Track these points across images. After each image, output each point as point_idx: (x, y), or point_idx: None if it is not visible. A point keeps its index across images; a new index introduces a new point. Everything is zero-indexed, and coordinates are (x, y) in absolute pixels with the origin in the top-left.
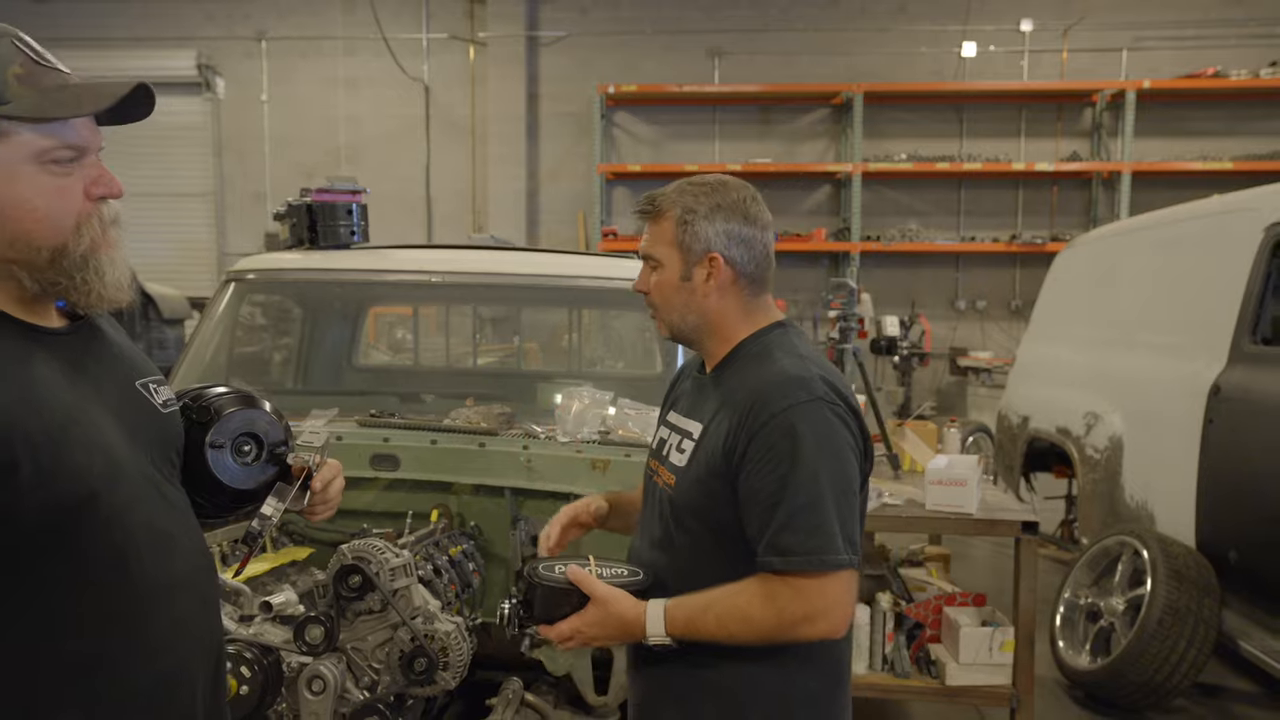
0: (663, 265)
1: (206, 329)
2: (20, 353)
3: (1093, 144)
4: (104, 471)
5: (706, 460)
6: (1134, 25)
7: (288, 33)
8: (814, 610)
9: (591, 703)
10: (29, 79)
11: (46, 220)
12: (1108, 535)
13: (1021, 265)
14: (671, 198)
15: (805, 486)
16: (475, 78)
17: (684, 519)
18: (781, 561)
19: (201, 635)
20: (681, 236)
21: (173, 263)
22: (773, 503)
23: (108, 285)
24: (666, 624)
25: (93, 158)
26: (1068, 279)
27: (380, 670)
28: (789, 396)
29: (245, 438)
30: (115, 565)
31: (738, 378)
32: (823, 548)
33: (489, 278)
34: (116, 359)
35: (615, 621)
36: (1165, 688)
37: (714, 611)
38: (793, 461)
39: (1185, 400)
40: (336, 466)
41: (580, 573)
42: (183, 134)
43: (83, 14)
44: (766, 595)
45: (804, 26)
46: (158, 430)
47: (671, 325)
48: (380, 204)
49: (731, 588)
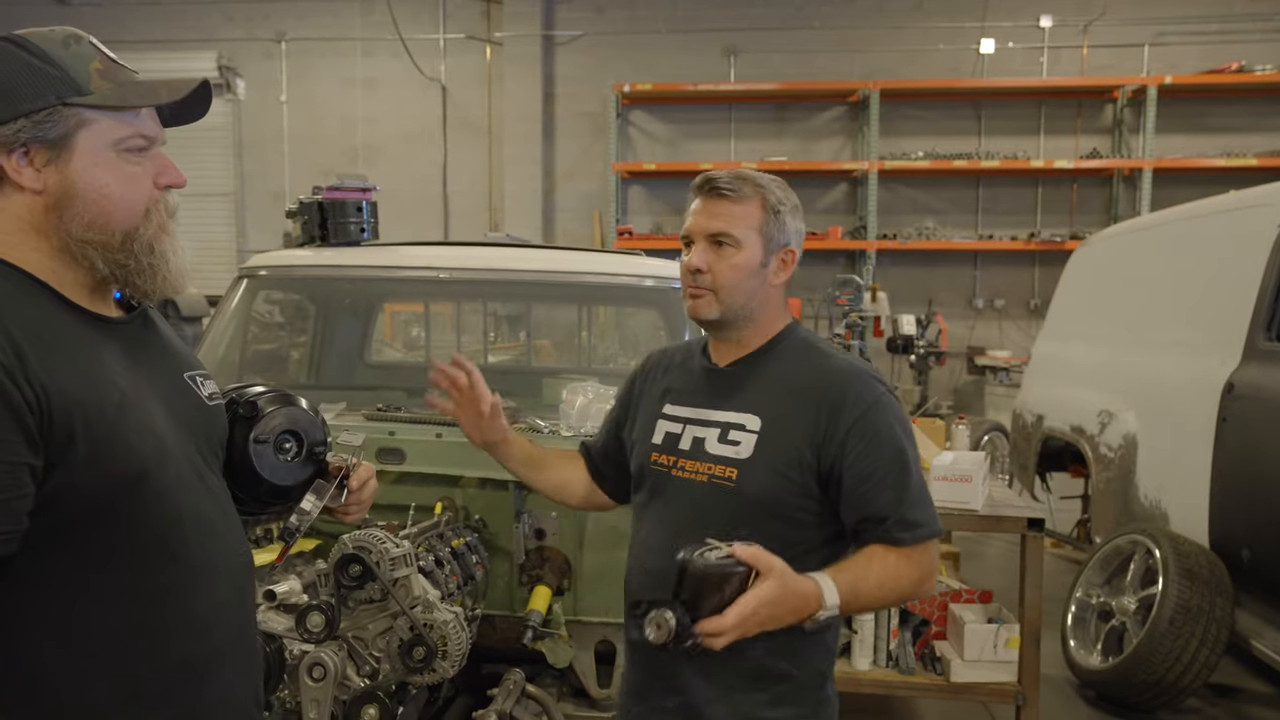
0: (741, 247)
1: (219, 325)
2: (84, 337)
3: (1113, 141)
4: (153, 455)
5: (786, 453)
6: (1156, 20)
7: (306, 34)
8: (929, 571)
9: (594, 695)
10: (107, 74)
11: (122, 204)
12: (1119, 534)
13: (1040, 264)
14: (757, 185)
15: (913, 466)
16: (491, 78)
17: (751, 510)
18: (912, 536)
19: (237, 622)
20: (769, 225)
21: (193, 261)
22: (892, 483)
23: (172, 270)
24: (840, 591)
25: (159, 149)
26: (1083, 277)
27: (380, 658)
28: (872, 387)
29: (287, 435)
30: (162, 544)
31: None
32: (934, 519)
33: (497, 274)
34: (166, 350)
35: (792, 596)
36: (1177, 688)
37: (875, 576)
38: (898, 450)
39: (1199, 398)
40: (370, 469)
41: (749, 548)
42: (204, 134)
43: (105, 16)
44: (907, 559)
45: (820, 24)
46: (203, 421)
47: (730, 307)
48: (397, 203)
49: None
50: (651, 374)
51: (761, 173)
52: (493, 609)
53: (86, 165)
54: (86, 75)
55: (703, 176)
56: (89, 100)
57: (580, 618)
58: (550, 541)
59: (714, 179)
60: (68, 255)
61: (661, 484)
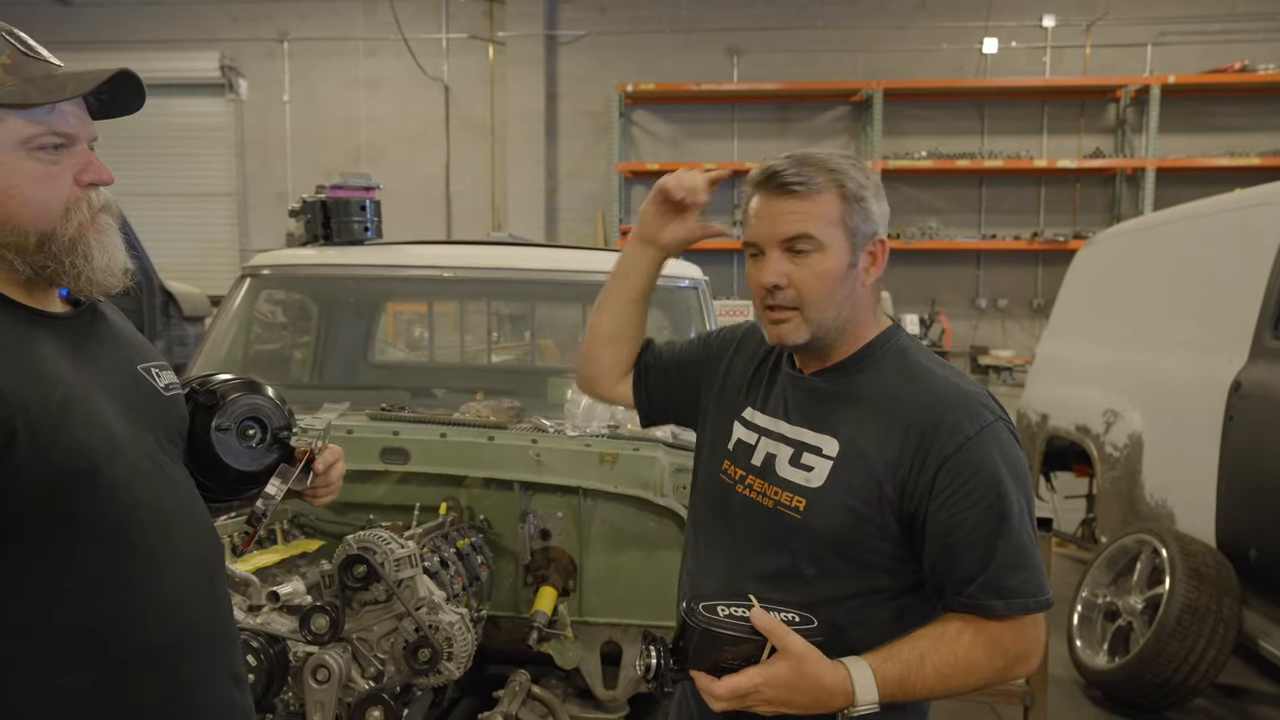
0: (826, 250)
1: (221, 324)
2: (22, 334)
3: (1116, 140)
4: (102, 448)
5: (863, 486)
6: (1159, 20)
7: (309, 34)
8: (1031, 650)
9: (601, 697)
10: (15, 69)
11: (33, 205)
12: (1126, 534)
13: (1044, 263)
14: (831, 169)
15: (1019, 520)
16: (494, 77)
17: (818, 550)
18: (1005, 605)
19: (205, 607)
20: (851, 217)
21: (196, 262)
22: (987, 541)
23: (96, 269)
24: (879, 687)
25: (83, 146)
26: (1088, 275)
27: (385, 660)
28: (976, 418)
29: (250, 421)
30: (114, 538)
31: (883, 388)
32: (1041, 588)
33: (500, 272)
34: (118, 343)
35: (810, 686)
36: (1184, 688)
37: (931, 664)
38: (1001, 493)
39: (1205, 397)
40: (338, 451)
41: (771, 619)
42: (206, 134)
43: (109, 17)
44: (990, 641)
45: (823, 24)
46: (160, 412)
47: (822, 325)
48: (401, 203)
49: (938, 634)
50: (741, 354)
51: (830, 152)
52: (498, 610)
53: None
54: None
55: (762, 168)
56: None
57: (586, 618)
58: (556, 542)
59: (777, 172)
60: None
61: (725, 499)
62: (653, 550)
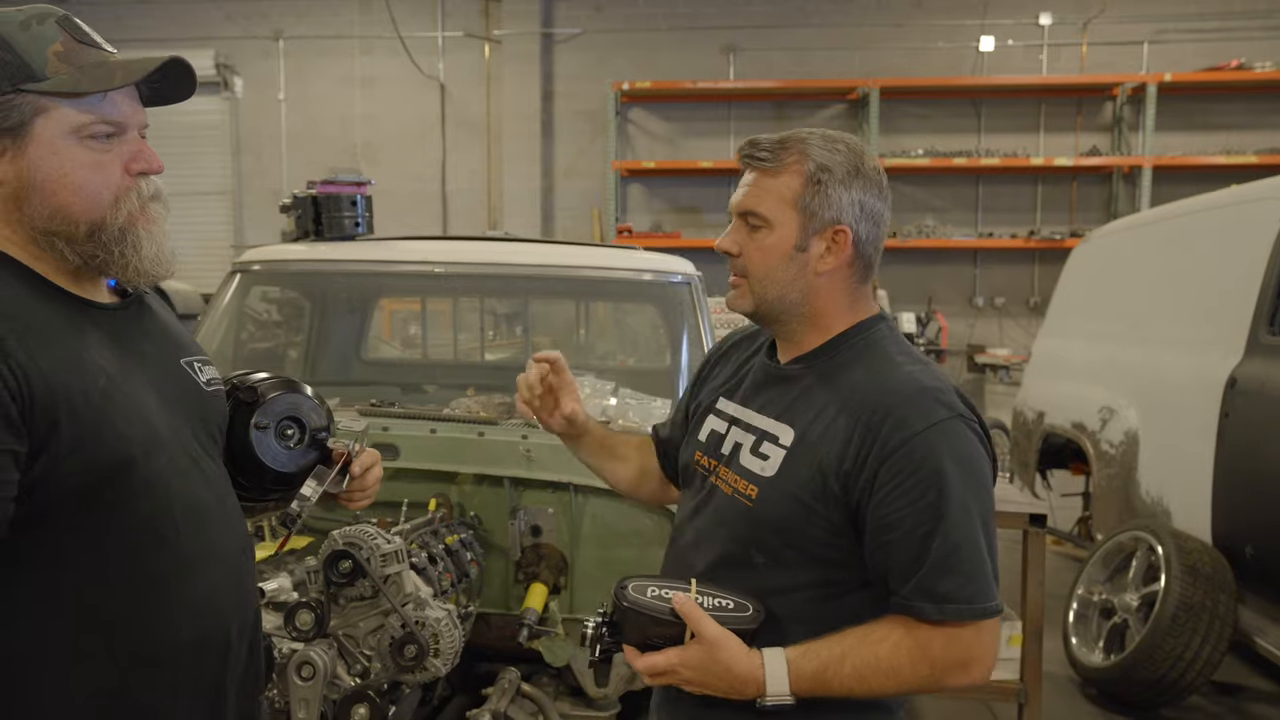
0: (772, 226)
1: (211, 321)
2: (69, 323)
3: (1113, 138)
4: (142, 440)
5: (810, 477)
6: (1155, 18)
7: (304, 32)
8: (968, 658)
9: (592, 694)
10: (67, 56)
11: (84, 194)
12: (1121, 531)
13: (1041, 261)
14: (802, 148)
15: (960, 521)
16: (490, 76)
17: (766, 537)
18: (936, 610)
19: (234, 609)
20: (809, 198)
21: (191, 259)
22: (921, 541)
23: (144, 259)
24: (791, 680)
25: (134, 134)
26: (1084, 273)
27: (372, 657)
28: (929, 413)
29: (289, 421)
30: (150, 531)
31: (844, 379)
32: (981, 594)
33: (491, 268)
34: (163, 337)
35: (722, 671)
36: (1179, 686)
37: (851, 664)
38: (941, 491)
39: (1201, 394)
40: (375, 455)
41: (689, 604)
42: (201, 133)
43: (102, 14)
44: (918, 645)
45: (820, 22)
46: (200, 407)
47: (762, 299)
48: (396, 201)
49: (865, 634)
50: (722, 358)
51: (820, 131)
52: (488, 607)
53: (44, 154)
54: (44, 60)
55: (745, 140)
56: (43, 87)
57: (577, 615)
58: (546, 538)
59: (752, 143)
60: (36, 246)
61: (698, 487)
62: (644, 547)
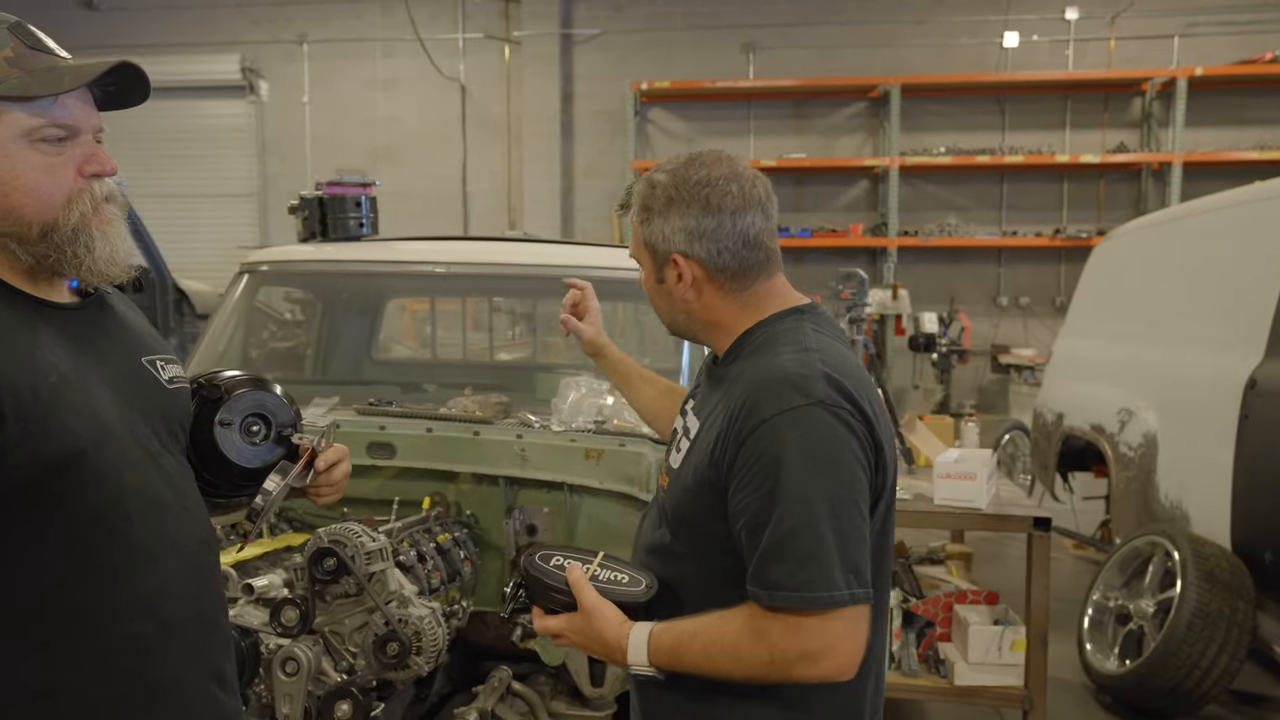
0: (640, 267)
1: (220, 320)
2: (22, 321)
3: (1142, 134)
4: (92, 435)
5: (696, 466)
6: (1186, 10)
7: (328, 36)
8: (812, 650)
9: (587, 694)
10: (18, 62)
11: (36, 195)
12: (1137, 535)
13: (1066, 260)
14: (637, 190)
15: (795, 508)
16: (510, 77)
17: (674, 525)
18: (768, 596)
19: (191, 601)
20: (646, 236)
21: (218, 261)
22: (756, 525)
23: (98, 259)
24: (650, 651)
25: (87, 137)
26: (1105, 272)
27: (357, 654)
28: (781, 400)
29: (254, 418)
30: (101, 522)
31: (736, 372)
32: (815, 582)
33: (492, 268)
34: (123, 335)
35: (596, 637)
36: (1195, 694)
37: (700, 642)
38: (779, 478)
39: (1220, 395)
40: (342, 450)
41: (577, 574)
42: (228, 136)
43: (133, 21)
44: (756, 631)
45: (840, 20)
46: (160, 403)
47: (666, 324)
48: (418, 202)
49: (721, 615)
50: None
51: (656, 168)
52: (484, 606)
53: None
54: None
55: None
56: None
57: None
58: (542, 537)
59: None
60: None
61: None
62: None
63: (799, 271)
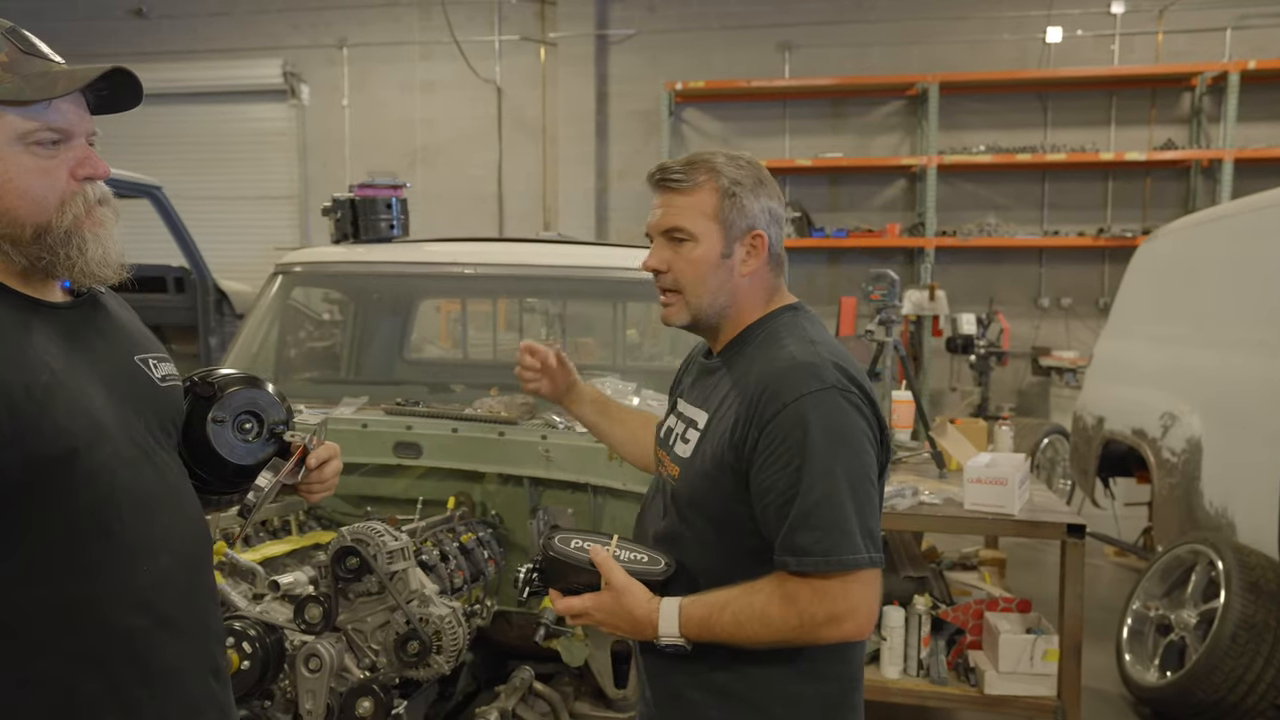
0: (697, 240)
1: (254, 320)
2: (16, 320)
3: (1191, 131)
4: (85, 433)
5: (713, 453)
6: (1238, 2)
7: (367, 40)
8: (838, 611)
9: (611, 695)
10: (12, 66)
11: (29, 198)
12: (1180, 544)
13: (1110, 260)
14: (710, 168)
15: (820, 481)
16: (546, 78)
17: (687, 512)
18: (796, 562)
19: (184, 597)
20: (726, 211)
21: (259, 262)
22: (786, 499)
23: (90, 261)
24: (681, 623)
25: (80, 141)
26: (1148, 272)
27: (379, 651)
28: (800, 385)
29: (247, 415)
30: (93, 520)
31: (744, 364)
32: (840, 546)
33: (518, 269)
34: (116, 334)
35: (625, 615)
36: (1239, 709)
37: (730, 611)
38: (805, 455)
39: (1268, 399)
40: (333, 448)
41: (603, 554)
42: (270, 139)
43: (180, 28)
44: (786, 596)
45: (877, 17)
46: (153, 401)
47: (698, 308)
48: (454, 203)
49: (749, 586)
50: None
51: (721, 151)
52: (508, 605)
53: None
54: None
55: (655, 166)
56: None
57: None
58: None
59: (664, 168)
60: None
61: (655, 479)
62: None
63: (834, 272)
